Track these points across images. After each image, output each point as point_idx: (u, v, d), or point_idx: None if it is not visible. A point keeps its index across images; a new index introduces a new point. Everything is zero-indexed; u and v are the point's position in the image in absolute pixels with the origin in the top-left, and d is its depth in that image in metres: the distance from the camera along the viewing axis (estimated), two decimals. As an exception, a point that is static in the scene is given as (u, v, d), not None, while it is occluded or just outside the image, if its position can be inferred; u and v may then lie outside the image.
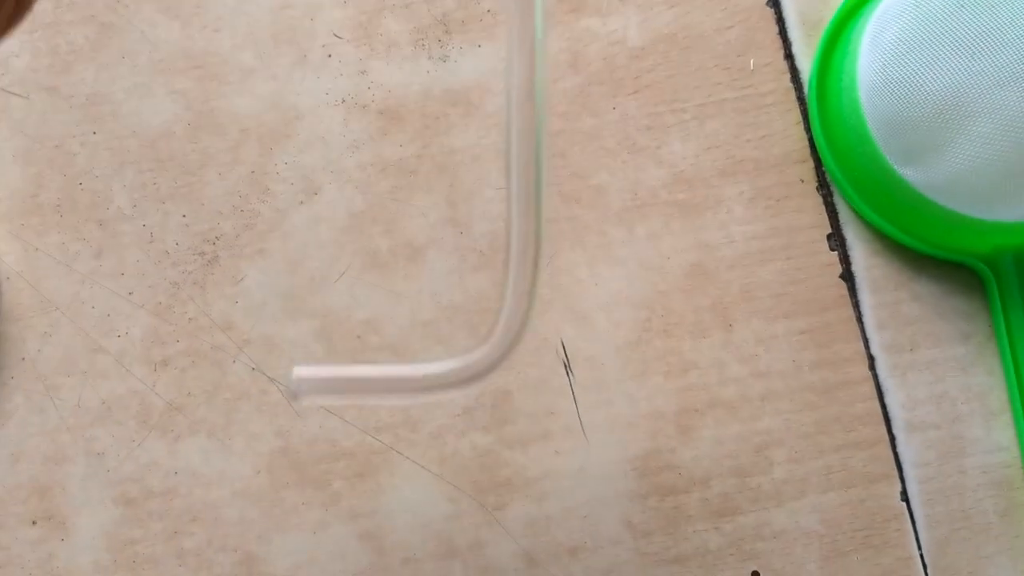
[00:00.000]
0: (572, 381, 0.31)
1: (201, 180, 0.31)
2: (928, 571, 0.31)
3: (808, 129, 0.33)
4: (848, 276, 0.32)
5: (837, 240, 0.32)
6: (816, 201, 0.32)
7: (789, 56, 0.33)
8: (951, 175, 0.30)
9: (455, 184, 0.32)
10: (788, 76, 0.33)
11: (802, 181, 0.33)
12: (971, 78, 0.29)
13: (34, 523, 0.30)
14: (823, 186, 0.33)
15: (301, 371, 0.21)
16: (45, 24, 0.31)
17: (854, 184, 0.32)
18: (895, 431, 0.31)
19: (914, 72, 0.29)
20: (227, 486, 0.30)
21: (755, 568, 0.31)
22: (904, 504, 0.31)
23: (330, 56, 0.32)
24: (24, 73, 0.31)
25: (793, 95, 0.33)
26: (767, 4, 0.33)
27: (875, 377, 0.31)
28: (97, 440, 0.30)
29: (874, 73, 0.30)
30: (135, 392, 0.30)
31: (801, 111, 0.33)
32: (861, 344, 0.32)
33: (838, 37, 0.33)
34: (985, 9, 0.29)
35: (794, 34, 0.33)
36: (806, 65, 0.33)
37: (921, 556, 0.31)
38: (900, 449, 0.31)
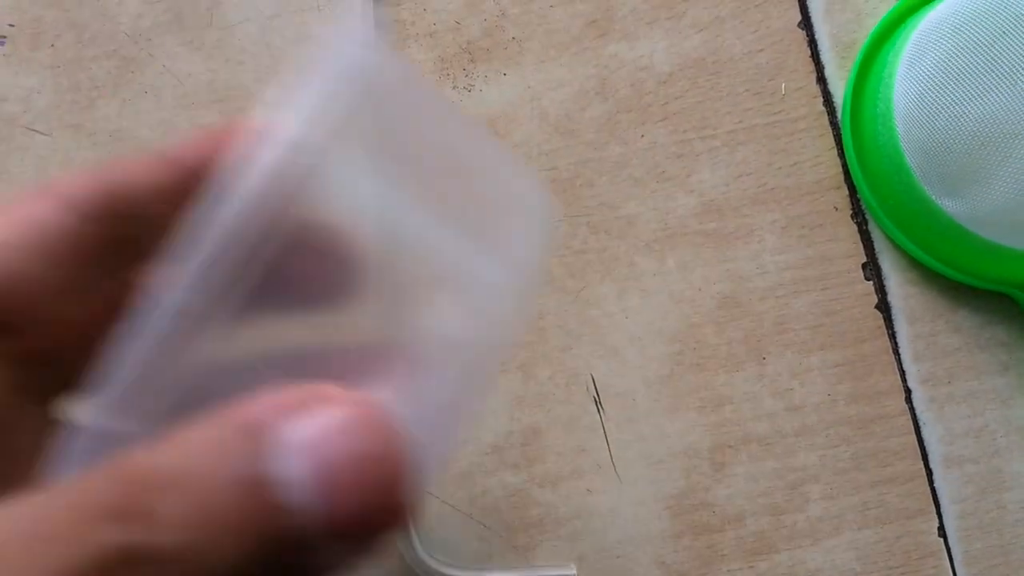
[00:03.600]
0: (603, 417, 0.31)
1: (226, 216, 0.31)
2: (966, 607, 0.30)
3: (842, 155, 0.32)
4: (884, 307, 0.31)
5: (872, 270, 0.32)
6: (851, 230, 0.32)
7: (822, 80, 0.32)
8: (991, 206, 0.29)
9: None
10: (821, 100, 0.32)
11: (836, 209, 0.32)
12: (1012, 108, 0.28)
13: None
14: (857, 214, 0.32)
15: None
16: (67, 60, 0.31)
17: (889, 213, 0.31)
18: (932, 465, 0.31)
19: (953, 101, 0.29)
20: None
21: (790, 604, 0.30)
22: (942, 540, 0.30)
23: (354, 88, 0.31)
24: (47, 110, 0.31)
25: (826, 120, 0.32)
26: (798, 26, 0.33)
27: (912, 410, 0.31)
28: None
29: (911, 101, 0.29)
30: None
31: (834, 137, 0.32)
32: (898, 376, 0.31)
33: (872, 60, 0.32)
34: (1027, 36, 0.28)
35: (826, 57, 0.32)
36: (839, 89, 0.32)
37: (959, 591, 0.30)
38: (937, 484, 0.31)
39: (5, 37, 0.31)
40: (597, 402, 0.31)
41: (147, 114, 0.31)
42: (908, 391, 0.31)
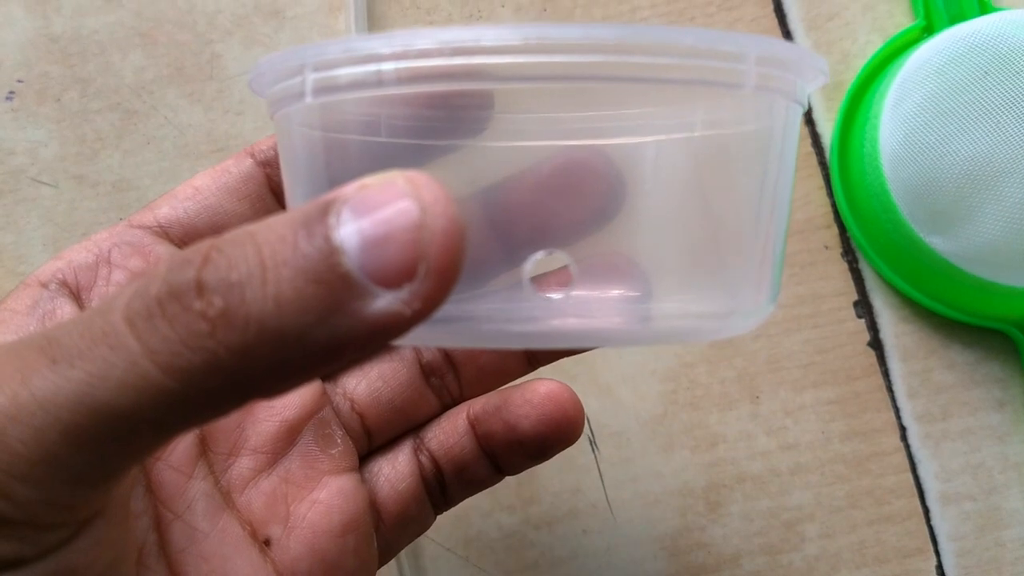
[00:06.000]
0: (598, 457, 0.31)
1: (225, 263, 0.32)
2: (968, 647, 0.30)
3: (831, 195, 0.32)
4: (876, 344, 0.32)
5: (864, 308, 0.32)
6: (842, 268, 0.32)
7: (809, 121, 0.33)
8: (979, 243, 0.29)
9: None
10: (809, 141, 0.33)
11: (826, 248, 0.32)
12: (997, 146, 0.28)
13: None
14: (848, 252, 0.32)
15: None
16: (72, 113, 0.32)
17: (879, 251, 0.31)
18: (929, 503, 0.31)
19: (939, 140, 0.29)
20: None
21: (789, 645, 0.30)
22: (941, 579, 0.30)
23: (350, 136, 0.32)
24: (53, 162, 0.32)
25: (815, 160, 0.33)
26: (786, 68, 0.33)
27: (907, 448, 0.31)
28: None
29: (897, 141, 0.30)
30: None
31: (823, 176, 0.33)
32: (892, 414, 0.31)
33: (859, 102, 0.32)
34: (1010, 76, 0.28)
35: (814, 98, 0.33)
36: (827, 130, 0.33)
37: (961, 631, 0.30)
38: (935, 522, 0.30)
39: (13, 92, 0.32)
40: (592, 442, 0.31)
41: (149, 164, 0.32)
42: (903, 428, 0.31)
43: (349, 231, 0.14)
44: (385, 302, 0.14)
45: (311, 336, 0.14)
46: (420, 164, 0.16)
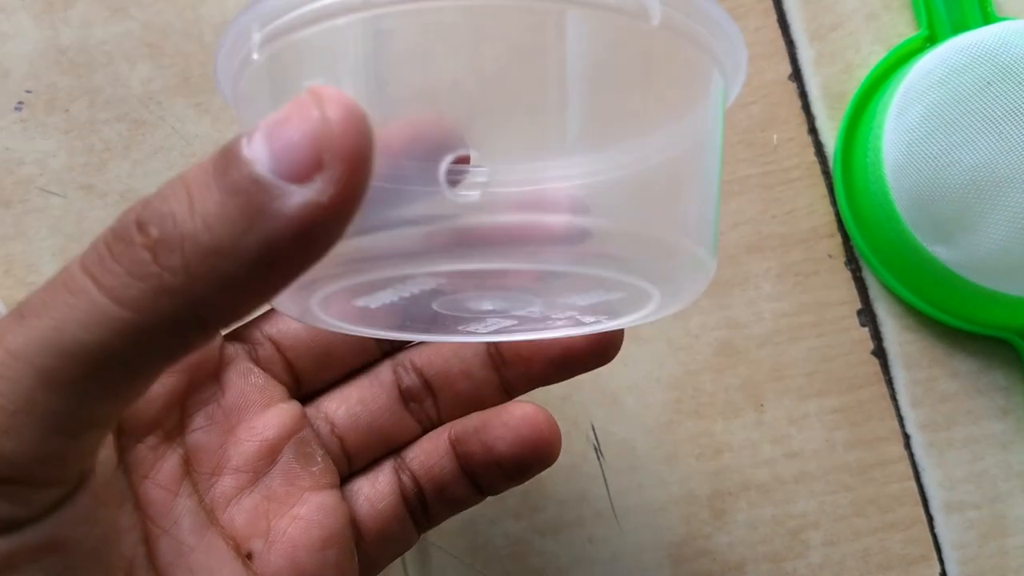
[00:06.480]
0: (603, 465, 0.31)
1: (233, 272, 0.32)
2: (972, 654, 0.30)
3: (835, 204, 0.33)
4: (880, 353, 0.32)
5: (868, 316, 0.32)
6: (845, 276, 0.32)
7: (813, 131, 0.33)
8: (982, 253, 0.29)
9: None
10: (813, 150, 0.33)
11: (830, 256, 0.32)
12: (999, 156, 0.29)
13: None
14: (851, 261, 0.32)
15: None
16: (81, 123, 0.32)
17: (883, 260, 0.32)
18: (933, 511, 0.31)
19: (941, 150, 0.29)
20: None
21: (794, 653, 0.30)
22: (945, 587, 0.30)
23: (356, 146, 0.32)
24: (61, 172, 0.32)
25: (818, 169, 0.33)
26: (789, 78, 0.33)
27: (911, 456, 0.31)
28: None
29: (900, 151, 0.30)
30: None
31: (827, 185, 0.33)
32: (896, 422, 0.31)
33: (862, 111, 0.32)
34: (1013, 86, 0.29)
35: (817, 108, 0.33)
36: (831, 139, 0.33)
37: (965, 639, 0.30)
38: (939, 530, 0.31)
39: (22, 103, 0.32)
40: (597, 450, 0.31)
41: (157, 174, 0.32)
42: (907, 436, 0.31)
43: (258, 144, 0.15)
44: (301, 195, 0.14)
45: (243, 244, 0.15)
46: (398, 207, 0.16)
